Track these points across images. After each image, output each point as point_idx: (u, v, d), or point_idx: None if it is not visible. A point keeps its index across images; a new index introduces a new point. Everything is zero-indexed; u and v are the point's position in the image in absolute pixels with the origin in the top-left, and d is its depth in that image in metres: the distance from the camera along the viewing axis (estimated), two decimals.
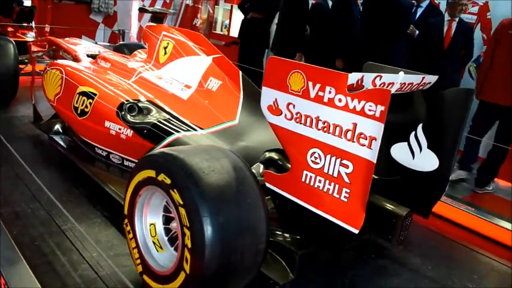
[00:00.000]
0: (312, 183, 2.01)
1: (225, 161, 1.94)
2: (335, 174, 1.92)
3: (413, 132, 2.46)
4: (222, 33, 8.49)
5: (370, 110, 1.78)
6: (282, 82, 2.06)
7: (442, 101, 2.36)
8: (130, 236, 2.13)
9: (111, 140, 2.99)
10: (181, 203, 1.78)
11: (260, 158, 2.51)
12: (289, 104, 2.05)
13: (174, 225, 2.00)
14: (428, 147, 2.41)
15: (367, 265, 2.58)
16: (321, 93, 1.92)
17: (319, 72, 1.93)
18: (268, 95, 2.13)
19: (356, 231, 1.89)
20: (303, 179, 2.04)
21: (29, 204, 2.74)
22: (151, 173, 1.93)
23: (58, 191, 2.94)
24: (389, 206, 2.20)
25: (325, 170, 1.95)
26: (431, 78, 2.38)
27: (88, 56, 3.99)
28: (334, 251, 2.51)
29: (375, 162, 1.80)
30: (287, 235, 2.24)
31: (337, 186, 1.92)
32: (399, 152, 2.52)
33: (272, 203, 2.28)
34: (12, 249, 2.13)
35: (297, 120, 2.03)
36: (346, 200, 1.90)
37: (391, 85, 2.11)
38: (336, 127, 1.89)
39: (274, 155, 2.51)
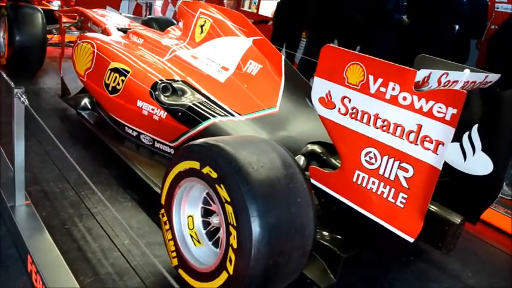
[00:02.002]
0: (364, 185, 1.87)
1: (274, 156, 1.82)
2: (392, 177, 1.78)
3: (467, 133, 2.30)
4: (250, 10, 8.26)
5: (439, 112, 1.63)
6: (337, 73, 1.91)
7: (501, 102, 2.20)
8: (167, 227, 2.03)
9: (143, 120, 2.88)
10: (229, 200, 1.66)
11: (302, 150, 2.39)
12: (344, 97, 1.90)
13: (216, 221, 1.89)
14: (483, 150, 2.25)
15: (407, 268, 2.46)
16: (382, 89, 1.77)
17: (382, 66, 1.77)
18: (320, 86, 1.98)
19: (411, 240, 1.77)
20: (354, 179, 1.90)
21: (58, 184, 2.66)
22: (195, 164, 1.81)
23: (87, 171, 2.84)
24: (441, 212, 2.07)
25: (381, 172, 1.81)
26: (493, 77, 2.21)
27: (118, 29, 3.85)
28: (380, 256, 2.40)
29: (440, 168, 1.66)
30: (330, 235, 2.12)
31: (393, 190, 1.79)
32: (450, 152, 2.36)
33: (316, 200, 2.15)
34: (43, 234, 2.04)
35: (353, 115, 1.88)
36: (402, 205, 1.76)
37: (455, 83, 1.95)
38: (397, 127, 1.75)
39: (317, 148, 2.38)
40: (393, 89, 1.74)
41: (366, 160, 1.86)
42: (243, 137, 2.06)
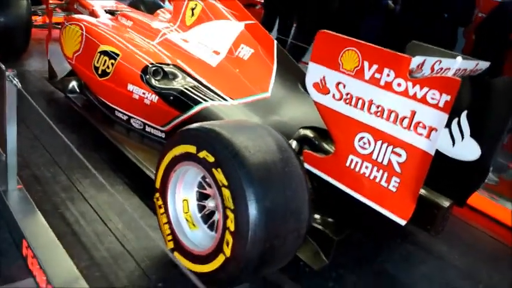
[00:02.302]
0: (357, 169, 1.91)
1: (269, 140, 1.83)
2: (385, 162, 1.82)
3: (456, 119, 2.35)
4: None
5: (433, 99, 1.67)
6: (332, 59, 1.93)
7: (490, 89, 2.24)
8: (162, 210, 2.04)
9: (134, 104, 2.87)
10: (226, 184, 1.68)
11: (294, 135, 2.41)
12: (338, 83, 1.92)
13: (212, 204, 1.91)
14: (471, 135, 2.31)
15: (395, 250, 2.52)
16: (377, 75, 1.80)
17: (377, 52, 1.80)
18: (315, 72, 2.00)
19: (403, 223, 1.82)
20: (348, 164, 1.94)
21: (49, 168, 2.64)
22: (191, 148, 1.82)
23: (77, 155, 2.83)
24: (430, 196, 2.12)
25: (374, 157, 1.85)
26: (484, 65, 2.26)
27: (106, 11, 3.79)
28: (369, 238, 2.45)
29: (432, 154, 1.70)
30: (322, 218, 2.16)
31: (386, 174, 1.83)
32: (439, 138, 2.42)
33: (309, 184, 2.19)
34: (37, 218, 2.03)
35: (347, 101, 1.91)
36: (394, 189, 1.81)
37: (447, 70, 1.99)
38: (391, 113, 1.78)
39: (309, 133, 2.41)
40: (388, 75, 1.77)
41: (359, 145, 1.89)
42: (238, 122, 2.08)
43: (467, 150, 2.31)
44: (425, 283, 2.32)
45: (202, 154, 1.76)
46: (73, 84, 3.46)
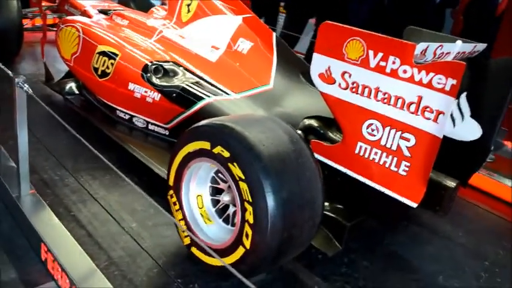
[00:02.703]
0: (366, 156, 1.96)
1: (281, 132, 1.87)
2: (394, 147, 1.87)
3: (456, 101, 2.40)
4: None
5: (439, 83, 1.72)
6: (336, 49, 1.96)
7: (487, 70, 2.30)
8: (176, 207, 2.07)
9: (136, 103, 2.88)
10: (243, 177, 1.71)
11: (299, 125, 2.45)
12: (344, 72, 1.96)
13: (227, 198, 1.95)
14: (471, 116, 2.36)
15: (402, 233, 2.59)
16: (382, 63, 1.84)
17: (381, 41, 1.84)
18: (320, 62, 2.03)
19: (415, 205, 1.88)
20: (357, 151, 1.99)
21: (56, 171, 2.65)
22: (205, 144, 1.85)
23: (83, 157, 2.84)
24: (437, 177, 2.17)
25: (383, 143, 1.90)
26: (481, 47, 2.31)
27: (99, 11, 3.78)
28: (379, 223, 2.50)
29: (441, 137, 1.75)
30: (332, 206, 2.21)
31: (395, 159, 1.88)
32: None
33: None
34: (54, 221, 2.05)
35: (353, 90, 1.95)
36: (405, 173, 1.86)
37: (447, 54, 2.04)
38: (398, 99, 1.83)
39: (314, 123, 2.44)
40: (393, 62, 1.81)
41: (367, 132, 1.94)
42: (248, 116, 2.11)
43: (468, 130, 2.37)
44: (433, 263, 2.38)
45: (217, 150, 1.79)
46: (71, 86, 3.45)
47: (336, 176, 2.10)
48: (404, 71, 1.79)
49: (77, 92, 3.43)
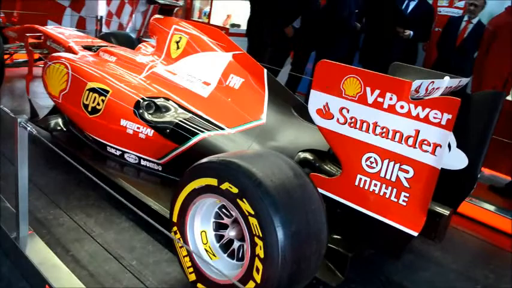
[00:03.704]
0: (366, 187, 2.03)
1: (285, 167, 1.92)
2: (393, 179, 1.95)
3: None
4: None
5: (435, 118, 1.82)
6: (334, 86, 2.05)
7: (471, 103, 2.43)
8: (181, 244, 2.07)
9: (128, 139, 2.88)
10: (252, 213, 1.75)
11: (294, 158, 2.51)
12: (342, 108, 2.05)
13: (232, 233, 1.97)
14: (458, 146, 2.49)
15: (397, 261, 2.65)
16: (380, 99, 1.94)
17: (378, 78, 1.94)
18: (317, 99, 2.12)
19: (415, 234, 1.95)
20: (357, 183, 2.06)
21: (49, 210, 2.60)
22: (211, 181, 1.88)
23: (75, 194, 2.81)
24: (432, 205, 2.26)
25: (382, 175, 1.98)
26: (465, 81, 2.46)
27: (84, 47, 3.79)
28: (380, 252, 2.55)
29: (439, 168, 1.85)
30: (331, 237, 2.26)
31: (395, 190, 1.96)
32: None
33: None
34: (57, 262, 2.02)
35: (351, 124, 2.03)
36: (404, 203, 1.94)
37: (437, 89, 2.16)
38: (396, 133, 1.92)
39: (308, 156, 2.52)
40: (390, 99, 1.91)
41: (367, 164, 2.02)
42: (251, 151, 2.16)
43: (456, 160, 2.49)
44: None
45: (225, 186, 1.83)
46: (57, 121, 3.42)
47: (336, 207, 2.16)
48: (402, 107, 1.89)
49: (64, 128, 3.40)
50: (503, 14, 4.34)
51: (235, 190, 1.80)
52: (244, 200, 1.77)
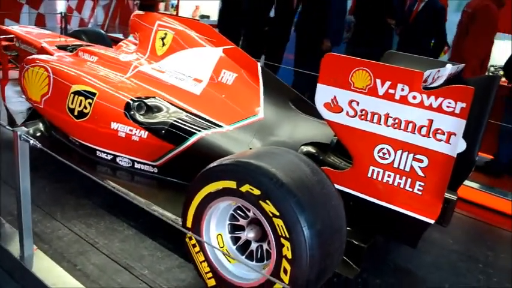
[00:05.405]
0: (379, 178, 2.04)
1: (302, 165, 1.91)
2: (407, 169, 1.97)
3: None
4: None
5: (448, 107, 1.84)
6: (342, 79, 2.04)
7: None
8: (197, 249, 2.02)
9: (120, 142, 2.77)
10: (277, 214, 1.72)
11: (298, 152, 2.49)
12: (351, 101, 2.04)
13: (251, 235, 1.94)
14: None
15: (399, 246, 2.69)
16: (391, 91, 1.93)
17: (388, 70, 1.94)
18: (324, 92, 2.10)
19: (432, 222, 1.98)
20: (369, 175, 2.06)
21: (45, 223, 2.47)
22: (229, 184, 1.83)
23: (69, 204, 2.69)
24: None
25: (396, 165, 1.99)
26: (461, 67, 2.50)
27: (58, 47, 3.61)
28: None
29: (454, 156, 1.87)
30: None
31: (409, 180, 1.97)
32: None
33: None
34: (69, 279, 1.92)
35: (362, 117, 2.02)
36: (420, 192, 1.96)
37: (440, 77, 2.19)
38: (409, 123, 1.93)
39: (311, 149, 2.50)
40: (402, 89, 1.91)
41: (379, 156, 2.02)
42: (266, 150, 2.10)
43: None
44: (436, 271, 2.51)
45: (245, 188, 1.79)
46: (37, 127, 3.25)
47: (348, 200, 2.15)
48: (414, 97, 1.89)
49: (45, 133, 3.23)
50: None
51: (256, 192, 1.76)
52: (267, 201, 1.74)
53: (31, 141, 1.86)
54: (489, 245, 2.85)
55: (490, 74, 4.94)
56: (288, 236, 1.71)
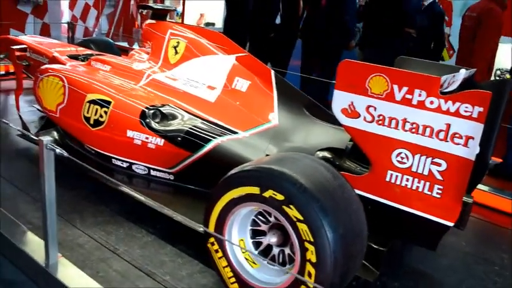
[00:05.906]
0: (398, 183, 2.07)
1: (322, 170, 1.94)
2: (425, 173, 2.00)
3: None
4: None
5: (466, 111, 1.87)
6: (359, 85, 2.07)
7: None
8: (219, 254, 2.05)
9: (136, 150, 2.81)
10: (301, 218, 1.75)
11: None
12: (369, 106, 2.07)
13: (273, 239, 1.97)
14: None
15: (414, 248, 2.72)
16: (408, 96, 1.97)
17: (406, 76, 1.97)
18: (342, 98, 2.13)
19: (451, 225, 2.01)
20: (388, 179, 2.09)
21: (66, 231, 2.50)
22: (252, 189, 1.86)
23: (88, 211, 2.72)
24: None
25: (414, 169, 2.02)
26: (473, 71, 2.54)
27: (70, 57, 3.65)
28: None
29: (472, 159, 1.90)
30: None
31: (428, 183, 2.00)
32: None
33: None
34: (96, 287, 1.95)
35: (379, 122, 2.06)
36: (439, 196, 1.99)
37: (456, 81, 2.23)
38: (426, 128, 1.96)
39: (327, 154, 2.53)
40: (419, 95, 1.95)
41: (397, 160, 2.05)
42: (286, 156, 2.13)
43: None
44: (453, 274, 2.54)
45: (268, 193, 1.82)
46: (52, 136, 3.28)
47: (367, 204, 2.18)
48: (431, 102, 1.93)
49: (60, 142, 3.26)
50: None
51: (280, 197, 1.79)
52: (291, 206, 1.77)
53: (57, 150, 1.89)
54: (504, 248, 2.87)
55: (497, 77, 4.98)
56: (312, 240, 1.74)
